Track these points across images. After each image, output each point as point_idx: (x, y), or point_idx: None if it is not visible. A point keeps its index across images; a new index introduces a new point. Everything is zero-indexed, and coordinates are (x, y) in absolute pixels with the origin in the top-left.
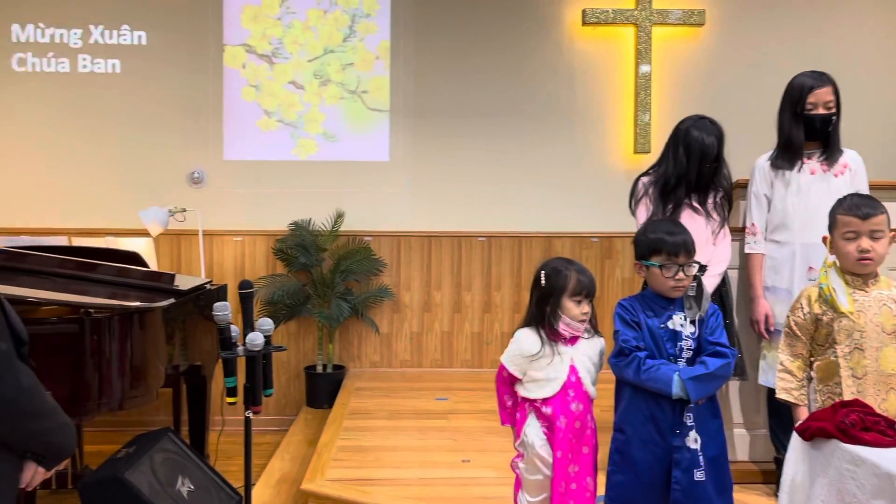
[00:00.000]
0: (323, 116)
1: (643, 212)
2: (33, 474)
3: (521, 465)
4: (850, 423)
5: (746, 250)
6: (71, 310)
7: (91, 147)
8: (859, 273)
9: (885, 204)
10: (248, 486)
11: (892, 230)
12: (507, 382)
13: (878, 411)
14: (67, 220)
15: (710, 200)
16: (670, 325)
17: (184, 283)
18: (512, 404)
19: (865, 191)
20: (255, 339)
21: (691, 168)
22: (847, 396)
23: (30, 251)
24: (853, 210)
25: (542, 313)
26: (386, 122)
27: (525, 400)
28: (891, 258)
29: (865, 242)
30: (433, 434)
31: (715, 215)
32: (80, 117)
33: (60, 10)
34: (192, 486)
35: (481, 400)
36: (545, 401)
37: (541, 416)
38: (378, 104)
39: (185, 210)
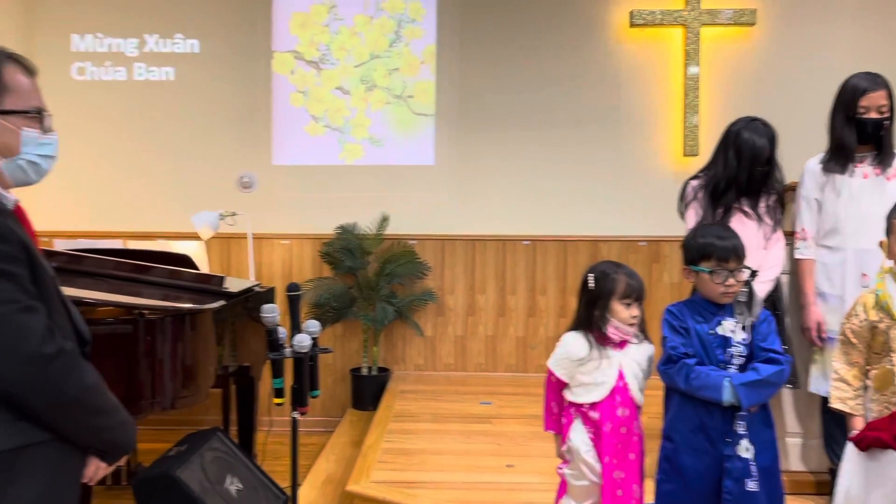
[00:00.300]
0: (369, 121)
1: (693, 216)
2: (95, 469)
3: (566, 471)
4: None
5: (796, 256)
6: (125, 311)
7: (145, 152)
8: None
9: None
10: (295, 486)
11: None
12: (555, 388)
13: None
14: (122, 224)
15: (763, 204)
16: (720, 330)
17: (233, 285)
18: (558, 411)
19: None
20: (303, 340)
21: (742, 171)
22: None
23: (87, 254)
24: None
25: (590, 317)
26: (431, 127)
27: (572, 404)
28: None
29: None
30: (477, 438)
31: (767, 219)
32: (136, 124)
33: (117, 20)
34: (240, 485)
35: (526, 405)
36: (592, 405)
37: (587, 421)
38: (423, 108)
39: (235, 214)
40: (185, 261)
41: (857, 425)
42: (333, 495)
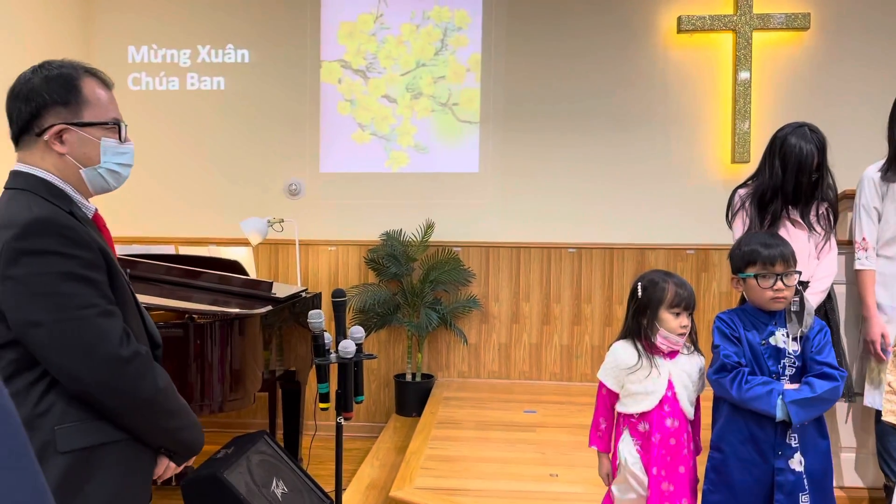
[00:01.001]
0: (415, 129)
1: (740, 225)
2: (165, 468)
3: (613, 485)
4: None
5: (857, 266)
6: (176, 315)
7: (197, 160)
8: None
9: None
10: (339, 490)
11: None
12: (605, 401)
13: None
14: (174, 230)
15: (813, 213)
16: (772, 341)
17: (281, 290)
18: (606, 427)
19: None
20: (348, 346)
21: (788, 179)
22: None
23: (140, 259)
24: None
25: (638, 325)
26: (476, 134)
27: (620, 416)
28: None
29: None
30: (521, 447)
31: (818, 228)
32: (188, 132)
33: (171, 32)
34: (285, 489)
35: (570, 414)
36: (641, 416)
37: (635, 433)
38: (468, 116)
39: (283, 220)
40: (234, 266)
41: None
42: (377, 500)
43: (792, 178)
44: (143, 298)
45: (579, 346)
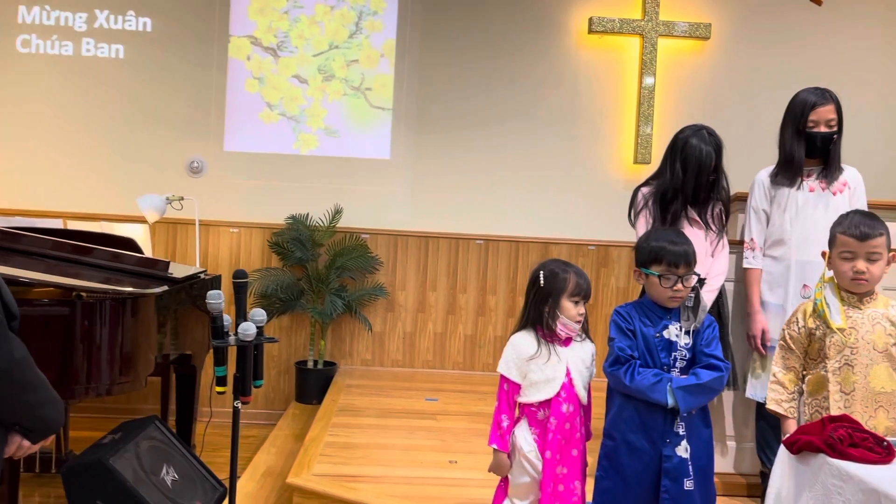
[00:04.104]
0: (325, 112)
1: (643, 224)
2: (18, 446)
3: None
4: (839, 438)
5: (745, 265)
6: (63, 292)
7: (90, 131)
8: (854, 291)
9: (889, 224)
10: (234, 475)
11: (891, 251)
12: (508, 398)
13: (866, 428)
14: (63, 204)
15: (709, 212)
16: (665, 334)
17: (178, 271)
18: (507, 426)
19: (864, 209)
20: (248, 329)
21: (688, 180)
22: (834, 411)
23: (23, 231)
24: (851, 230)
25: (539, 314)
26: (388, 121)
27: (519, 406)
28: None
29: (861, 264)
30: (422, 434)
31: (714, 227)
32: (82, 101)
33: None
34: (176, 476)
35: (471, 402)
36: (541, 404)
37: (534, 422)
38: (381, 102)
39: (182, 199)
40: (129, 244)
41: (790, 428)
42: (272, 488)
43: (692, 179)
44: (25, 274)
45: (483, 336)
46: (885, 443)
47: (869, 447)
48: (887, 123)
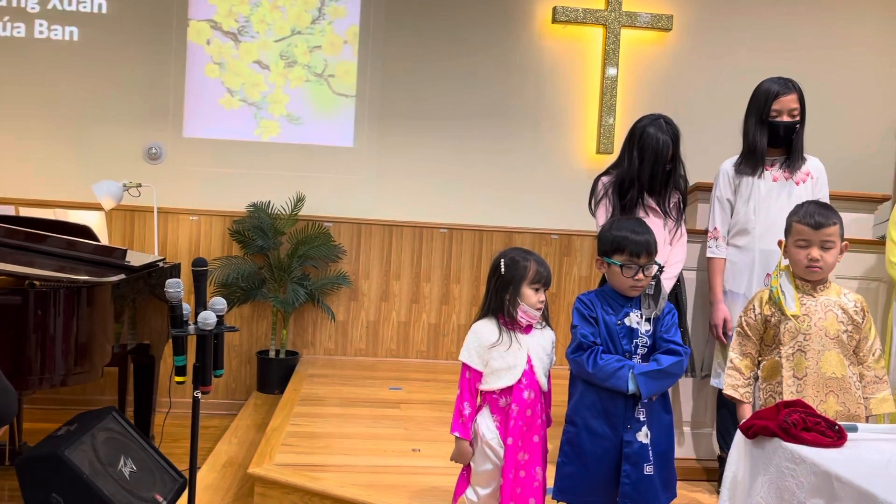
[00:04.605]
0: (287, 98)
1: (603, 213)
2: None
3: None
4: (792, 422)
5: (708, 254)
6: (15, 281)
7: (44, 115)
8: (808, 279)
9: (845, 214)
10: (194, 466)
11: (844, 240)
12: (470, 385)
13: (818, 412)
14: (15, 190)
15: (667, 202)
16: (627, 322)
17: (136, 259)
18: (469, 414)
19: (826, 199)
20: (208, 317)
21: (644, 168)
22: (787, 396)
23: None
24: (806, 219)
25: (500, 301)
26: (352, 108)
27: (482, 394)
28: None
29: (815, 252)
30: (385, 423)
31: (672, 216)
32: (35, 84)
33: None
34: (134, 467)
35: (435, 391)
36: (503, 391)
37: (496, 409)
38: (344, 89)
39: (140, 185)
40: (84, 231)
41: (745, 413)
42: (234, 479)
43: (648, 168)
44: None
45: (447, 324)
46: (837, 427)
47: (821, 431)
48: (851, 115)
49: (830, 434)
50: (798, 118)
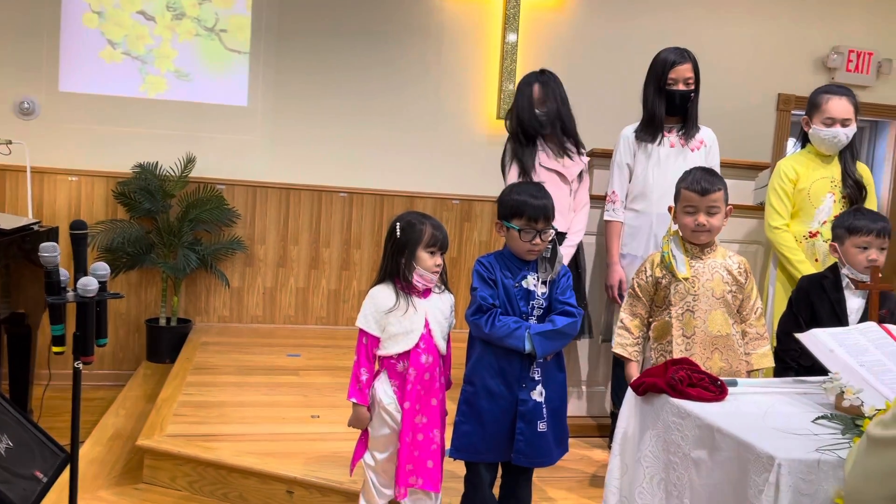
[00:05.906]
0: (175, 53)
1: (515, 175)
2: None
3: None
4: (679, 379)
5: (606, 217)
6: None
7: None
8: (696, 243)
9: (733, 182)
10: (76, 440)
11: (728, 205)
12: (367, 351)
13: (704, 369)
14: None
15: (576, 170)
16: (524, 284)
17: (6, 222)
18: (367, 380)
19: (717, 167)
20: (89, 283)
21: (522, 120)
22: (677, 354)
23: None
24: (693, 185)
25: (396, 265)
26: (245, 65)
27: (380, 359)
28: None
29: (702, 217)
30: (283, 390)
31: (576, 184)
32: None
33: None
34: (10, 444)
35: (334, 357)
36: (400, 356)
37: (394, 374)
38: (237, 45)
39: (10, 142)
40: None
41: (632, 371)
42: (121, 452)
43: (525, 123)
44: None
45: (347, 290)
46: (719, 382)
47: (705, 386)
48: (741, 85)
49: (713, 389)
50: (693, 87)
